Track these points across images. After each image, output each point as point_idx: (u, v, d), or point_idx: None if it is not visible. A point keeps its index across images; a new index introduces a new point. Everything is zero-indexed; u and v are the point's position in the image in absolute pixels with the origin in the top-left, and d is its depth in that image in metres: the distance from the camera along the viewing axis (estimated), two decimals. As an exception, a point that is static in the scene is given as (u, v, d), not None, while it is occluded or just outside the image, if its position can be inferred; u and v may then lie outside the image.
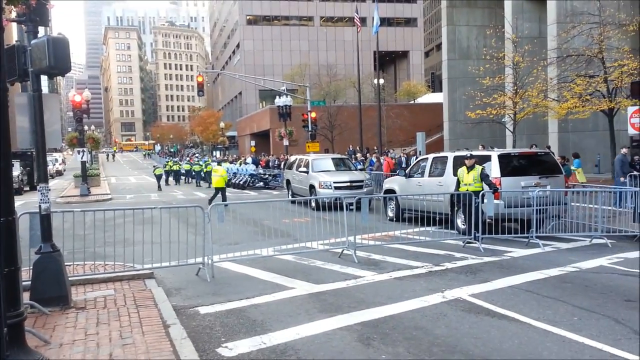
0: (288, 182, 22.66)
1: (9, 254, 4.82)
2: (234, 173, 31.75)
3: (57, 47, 6.45)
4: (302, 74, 56.90)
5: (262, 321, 6.41)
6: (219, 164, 28.12)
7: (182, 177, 39.18)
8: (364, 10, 62.99)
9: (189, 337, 5.64)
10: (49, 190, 7.48)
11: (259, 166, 34.56)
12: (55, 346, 5.44)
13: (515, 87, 24.09)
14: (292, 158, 24.16)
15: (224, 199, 19.82)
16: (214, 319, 6.55)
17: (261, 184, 30.28)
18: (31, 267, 6.98)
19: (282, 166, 30.81)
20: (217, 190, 20.58)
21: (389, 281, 8.25)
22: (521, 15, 31.22)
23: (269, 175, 31.12)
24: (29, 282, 6.84)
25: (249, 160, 37.60)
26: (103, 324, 6.17)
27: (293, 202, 17.78)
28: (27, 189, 29.44)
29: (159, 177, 32.74)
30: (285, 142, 35.30)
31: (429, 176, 14.25)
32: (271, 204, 16.83)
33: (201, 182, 34.95)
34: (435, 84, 67.72)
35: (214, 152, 70.78)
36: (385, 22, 70.33)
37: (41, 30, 7.32)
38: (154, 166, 37.85)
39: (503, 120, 26.74)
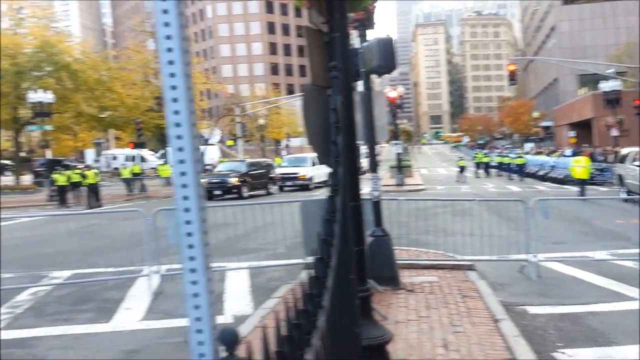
0: (620, 177, 19.86)
1: (358, 236, 5.38)
2: (552, 166, 29.71)
3: (385, 48, 6.92)
4: (630, 53, 49.01)
5: (603, 331, 5.70)
6: (576, 154, 26.69)
7: (493, 170, 38.51)
8: None
9: (521, 336, 5.38)
10: (379, 179, 8.17)
11: (581, 159, 31.44)
12: (392, 322, 5.87)
13: None
14: (624, 150, 21.14)
15: (583, 193, 19.11)
16: (545, 320, 6.12)
17: (585, 179, 27.48)
18: (367, 248, 7.74)
19: (609, 160, 27.28)
20: (580, 182, 19.94)
21: None
22: None
23: (595, 169, 27.83)
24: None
25: (568, 152, 34.47)
26: (432, 308, 6.40)
27: (626, 200, 15.47)
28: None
29: (462, 168, 32.92)
30: (614, 133, 31.10)
31: None
32: (599, 202, 15.11)
33: (513, 175, 33.75)
34: None
35: (525, 144, 67.37)
36: None
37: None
38: (459, 157, 38.26)
39: None
